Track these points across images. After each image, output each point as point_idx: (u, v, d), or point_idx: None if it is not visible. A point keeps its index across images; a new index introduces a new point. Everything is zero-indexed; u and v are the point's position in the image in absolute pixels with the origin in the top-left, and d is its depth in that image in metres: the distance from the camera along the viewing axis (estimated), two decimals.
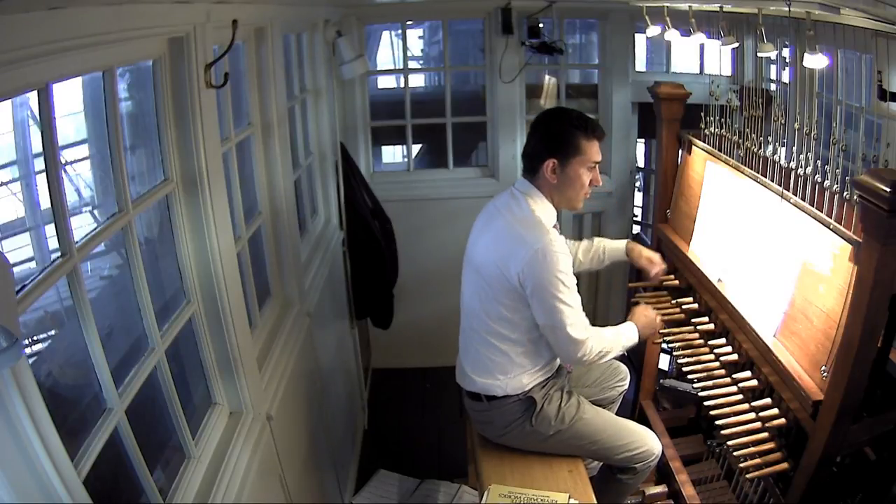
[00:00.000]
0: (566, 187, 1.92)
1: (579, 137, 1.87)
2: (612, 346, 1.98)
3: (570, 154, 1.88)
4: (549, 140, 1.90)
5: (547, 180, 1.91)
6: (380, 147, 4.83)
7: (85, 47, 1.19)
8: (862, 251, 1.57)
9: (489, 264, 1.91)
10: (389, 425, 3.99)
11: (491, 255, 1.91)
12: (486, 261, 1.92)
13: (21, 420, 1.00)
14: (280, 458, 2.12)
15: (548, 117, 1.95)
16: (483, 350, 2.00)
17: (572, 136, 1.87)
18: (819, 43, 1.91)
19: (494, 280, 1.90)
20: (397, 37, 5.12)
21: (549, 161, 1.88)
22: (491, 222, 1.97)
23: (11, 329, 0.82)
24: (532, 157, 1.93)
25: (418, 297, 4.20)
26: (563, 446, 2.06)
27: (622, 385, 2.34)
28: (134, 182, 1.57)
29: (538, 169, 1.91)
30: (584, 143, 1.88)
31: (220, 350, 1.81)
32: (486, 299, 1.95)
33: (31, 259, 1.40)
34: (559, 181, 1.90)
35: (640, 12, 3.28)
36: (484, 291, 1.95)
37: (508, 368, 1.99)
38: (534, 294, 1.85)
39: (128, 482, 1.41)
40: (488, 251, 1.93)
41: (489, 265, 1.91)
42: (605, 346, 1.95)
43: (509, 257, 1.85)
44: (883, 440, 1.80)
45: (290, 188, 2.61)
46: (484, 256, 1.94)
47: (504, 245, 1.88)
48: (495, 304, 1.93)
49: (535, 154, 1.91)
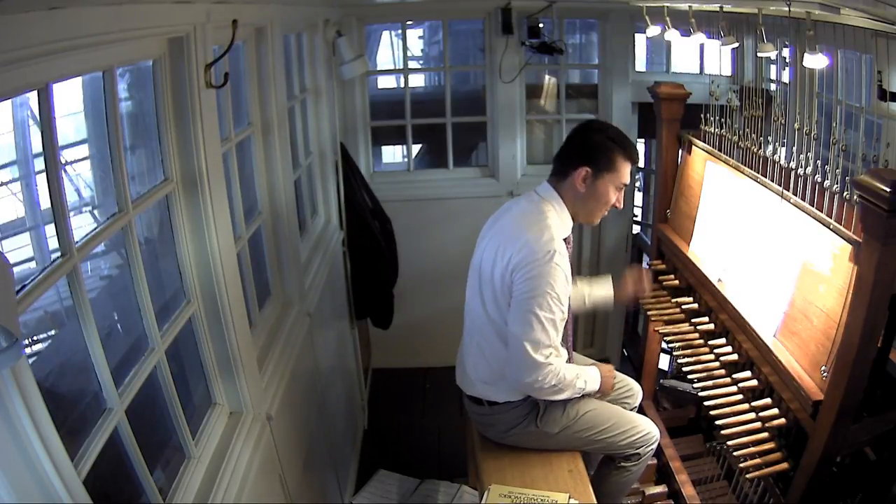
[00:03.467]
0: (591, 200, 1.90)
1: (618, 155, 1.86)
2: (570, 383, 1.90)
3: (605, 168, 1.86)
4: (588, 149, 1.88)
5: (575, 188, 1.88)
6: (380, 147, 4.82)
7: (85, 47, 1.19)
8: (862, 251, 1.57)
9: (492, 265, 1.88)
10: (389, 425, 3.99)
11: (494, 256, 1.88)
12: (490, 263, 1.89)
13: (21, 420, 1.00)
14: (280, 458, 2.12)
15: (590, 127, 1.95)
16: (484, 355, 1.99)
17: (612, 151, 1.86)
18: (819, 43, 1.91)
19: (498, 282, 1.86)
20: (397, 37, 5.11)
21: (583, 169, 1.86)
22: (496, 221, 1.97)
23: (11, 329, 0.82)
24: (565, 161, 1.90)
25: (418, 297, 4.20)
26: (570, 441, 2.05)
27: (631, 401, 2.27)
28: (134, 182, 1.57)
29: (569, 174, 1.88)
30: (620, 161, 1.87)
31: (220, 350, 1.81)
32: (488, 302, 1.93)
33: (31, 259, 1.40)
34: (587, 192, 1.88)
35: (640, 12, 3.28)
36: (485, 294, 1.92)
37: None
38: (518, 297, 1.80)
39: (128, 482, 1.41)
40: (491, 251, 1.90)
41: (492, 266, 1.88)
42: (560, 377, 1.85)
43: (512, 254, 1.80)
44: (883, 440, 1.80)
45: (290, 188, 2.60)
46: (487, 259, 1.90)
47: (508, 243, 1.84)
48: (496, 308, 1.90)
49: (570, 159, 1.89)
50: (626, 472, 2.15)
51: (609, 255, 4.37)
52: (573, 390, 1.94)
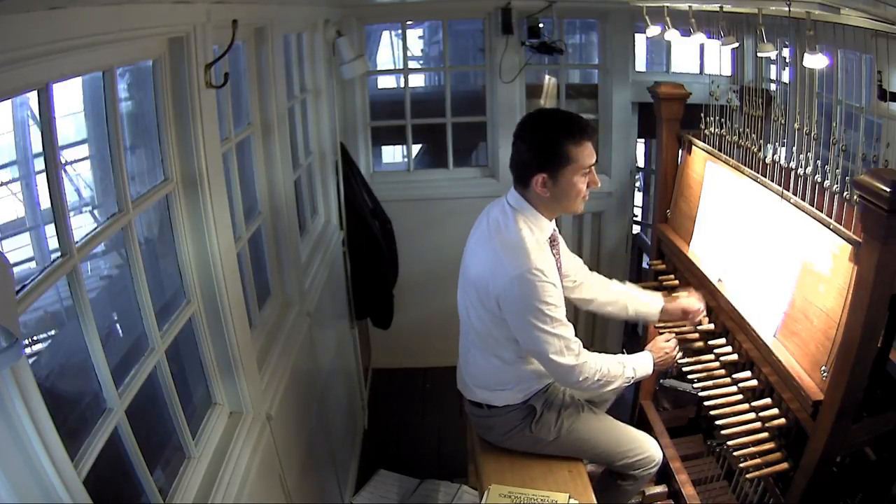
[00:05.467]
0: (561, 198, 1.78)
1: (567, 145, 1.70)
2: (616, 372, 1.90)
3: (560, 165, 1.72)
4: (535, 152, 1.74)
5: (538, 195, 1.77)
6: (380, 147, 4.83)
7: (85, 47, 1.19)
8: (862, 251, 1.57)
9: (472, 278, 1.87)
10: (389, 425, 3.99)
11: (473, 269, 1.86)
12: (470, 274, 1.88)
13: (21, 420, 1.00)
14: (280, 458, 2.12)
15: (530, 125, 1.77)
16: (480, 363, 1.98)
17: (559, 145, 1.71)
18: (819, 43, 1.91)
19: (484, 299, 1.83)
20: (397, 37, 5.12)
21: (538, 176, 1.73)
22: (484, 238, 1.87)
23: (11, 329, 0.82)
24: (520, 169, 1.79)
25: (418, 297, 4.20)
26: (563, 450, 2.06)
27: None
28: (134, 182, 1.57)
29: (528, 183, 1.77)
30: (573, 150, 1.71)
31: (220, 350, 1.81)
32: (472, 314, 1.91)
33: (31, 259, 1.40)
34: (552, 194, 1.77)
35: (640, 12, 3.28)
36: (475, 308, 1.90)
37: (507, 380, 1.97)
38: (514, 321, 1.80)
39: (128, 482, 1.41)
40: (471, 263, 1.89)
41: (472, 279, 1.87)
42: (604, 372, 1.87)
43: (488, 278, 1.78)
44: (883, 440, 1.80)
45: (290, 188, 2.61)
46: (474, 273, 1.87)
47: (489, 265, 1.80)
48: (487, 322, 1.88)
49: (523, 167, 1.77)
50: (621, 489, 2.15)
51: (609, 255, 4.37)
52: (623, 380, 1.93)
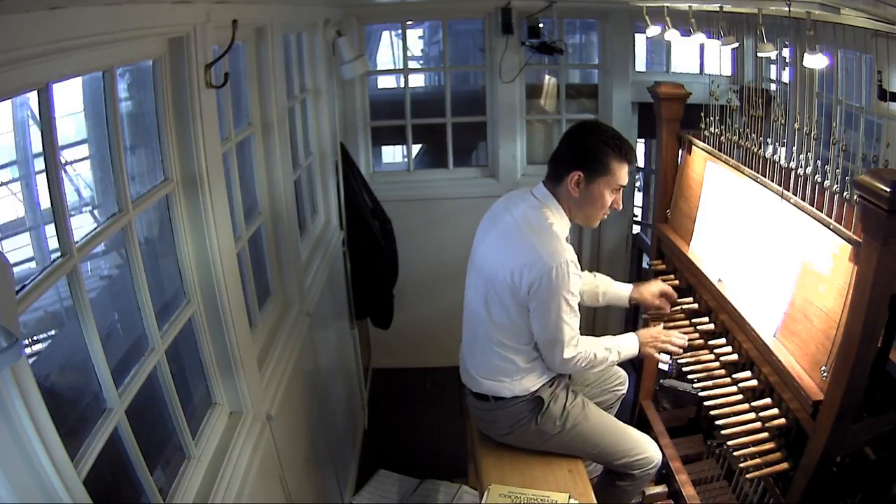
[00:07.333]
0: (586, 204, 1.88)
1: (611, 157, 1.83)
2: (601, 357, 2.00)
3: (599, 172, 1.84)
4: (580, 152, 1.85)
5: (569, 192, 1.86)
6: (380, 147, 4.82)
7: (85, 47, 1.19)
8: (862, 251, 1.57)
9: (498, 270, 1.86)
10: (389, 425, 3.99)
11: (500, 262, 1.86)
12: (495, 267, 1.88)
13: (21, 420, 1.00)
14: (280, 458, 2.12)
15: (584, 130, 1.90)
16: (489, 355, 1.99)
17: (605, 154, 1.83)
18: (819, 43, 1.91)
19: (503, 288, 1.86)
20: (397, 37, 5.12)
21: (575, 173, 1.83)
22: (513, 232, 1.89)
23: (11, 329, 0.82)
24: (558, 165, 1.88)
25: (418, 297, 4.20)
26: (564, 446, 2.06)
27: (621, 388, 2.33)
28: (134, 182, 1.57)
29: (563, 178, 1.86)
30: (614, 164, 1.84)
31: (220, 350, 1.81)
32: (493, 307, 1.92)
33: (31, 259, 1.40)
34: (581, 196, 1.86)
35: (640, 12, 3.28)
36: (491, 299, 1.91)
37: (515, 372, 1.98)
38: (539, 309, 1.84)
39: (128, 482, 1.41)
40: (495, 256, 1.89)
41: (498, 272, 1.86)
42: (590, 358, 1.97)
43: (523, 267, 1.80)
44: (883, 440, 1.80)
45: (290, 188, 2.60)
46: (491, 262, 1.89)
47: (516, 253, 1.84)
48: (502, 313, 1.90)
49: (563, 162, 1.87)
50: (620, 489, 2.15)
51: (609, 255, 4.37)
52: (607, 364, 2.04)
